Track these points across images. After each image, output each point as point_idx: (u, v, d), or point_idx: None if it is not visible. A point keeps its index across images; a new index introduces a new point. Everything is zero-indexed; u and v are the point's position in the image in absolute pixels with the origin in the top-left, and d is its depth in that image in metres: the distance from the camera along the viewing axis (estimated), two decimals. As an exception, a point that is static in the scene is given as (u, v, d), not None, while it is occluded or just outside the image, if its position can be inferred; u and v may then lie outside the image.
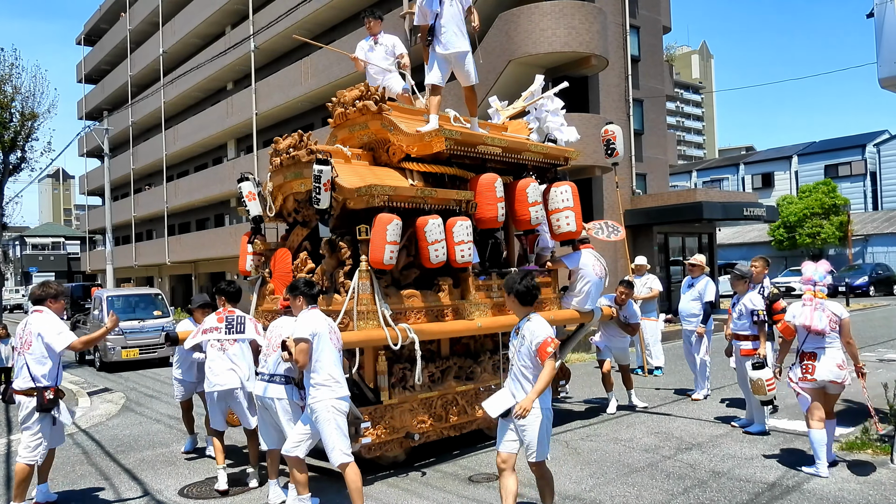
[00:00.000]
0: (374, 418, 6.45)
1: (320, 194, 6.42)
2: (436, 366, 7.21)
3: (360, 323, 6.36)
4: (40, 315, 5.86)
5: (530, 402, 4.66)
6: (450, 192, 7.09)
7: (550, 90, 8.78)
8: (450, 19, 7.34)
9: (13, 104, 16.68)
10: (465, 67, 7.52)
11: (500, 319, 7.47)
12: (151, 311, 16.82)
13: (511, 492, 4.81)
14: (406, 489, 6.14)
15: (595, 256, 8.19)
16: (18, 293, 58.07)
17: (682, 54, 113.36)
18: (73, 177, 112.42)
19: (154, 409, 10.73)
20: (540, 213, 7.74)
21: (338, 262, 6.84)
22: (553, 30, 18.20)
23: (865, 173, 44.12)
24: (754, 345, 7.69)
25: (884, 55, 6.29)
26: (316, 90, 26.54)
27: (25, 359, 5.71)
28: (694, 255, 10.17)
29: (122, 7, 43.60)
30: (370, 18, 8.44)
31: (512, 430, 4.88)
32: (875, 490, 5.66)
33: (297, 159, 6.96)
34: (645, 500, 5.64)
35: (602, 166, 19.36)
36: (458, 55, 7.47)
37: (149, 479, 6.78)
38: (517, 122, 9.03)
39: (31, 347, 5.70)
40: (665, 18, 26.03)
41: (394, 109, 7.68)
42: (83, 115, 50.72)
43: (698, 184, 50.14)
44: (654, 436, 7.69)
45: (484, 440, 7.69)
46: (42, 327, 5.73)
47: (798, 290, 34.24)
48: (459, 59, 7.49)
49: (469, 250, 6.93)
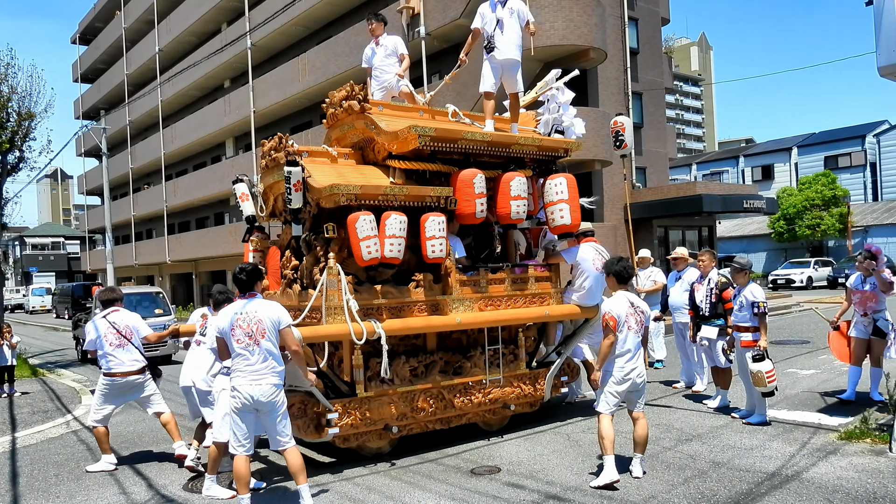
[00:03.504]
0: (346, 410, 6.65)
1: (291, 194, 6.74)
2: (418, 360, 7.28)
3: (329, 318, 6.55)
4: (124, 312, 7.26)
5: (597, 366, 6.12)
6: (423, 189, 7.10)
7: (558, 80, 8.75)
8: (510, 29, 7.78)
9: (10, 104, 16.67)
10: (515, 76, 7.99)
11: (484, 315, 7.46)
12: (153, 310, 16.86)
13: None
14: (409, 482, 6.19)
15: (596, 250, 8.15)
16: (19, 293, 58.09)
17: (680, 46, 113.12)
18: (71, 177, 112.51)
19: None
20: (522, 207, 7.55)
21: (315, 259, 7.03)
22: (551, 23, 18.21)
23: (865, 164, 44.15)
24: (754, 336, 7.71)
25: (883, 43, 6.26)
26: (314, 87, 26.54)
27: (133, 344, 7.07)
28: (675, 249, 10.31)
29: (116, 5, 43.58)
30: (372, 21, 8.75)
31: None
32: (874, 479, 5.70)
33: (278, 161, 7.19)
34: (645, 491, 5.67)
35: (602, 160, 19.39)
36: (513, 65, 7.90)
37: (153, 474, 6.83)
38: (525, 114, 9.01)
39: (133, 336, 7.08)
40: (663, 10, 26.02)
41: (385, 108, 7.75)
42: (80, 115, 50.73)
43: (698, 177, 50.19)
44: (654, 427, 7.72)
45: (481, 434, 7.74)
46: (133, 320, 7.18)
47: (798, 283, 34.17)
48: (513, 68, 7.95)
49: (441, 246, 6.97)
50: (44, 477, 6.92)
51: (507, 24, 7.74)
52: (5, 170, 17.10)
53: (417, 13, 21.71)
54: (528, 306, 7.86)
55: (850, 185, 42.19)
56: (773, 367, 7.38)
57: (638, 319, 6.09)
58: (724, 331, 8.27)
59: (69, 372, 15.32)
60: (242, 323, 5.47)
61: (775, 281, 33.33)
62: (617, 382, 5.99)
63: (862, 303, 8.36)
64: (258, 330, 5.44)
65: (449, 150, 7.41)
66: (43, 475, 6.99)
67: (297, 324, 6.51)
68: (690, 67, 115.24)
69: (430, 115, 8.10)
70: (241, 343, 5.45)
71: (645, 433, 6.06)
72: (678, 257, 10.03)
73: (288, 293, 7.26)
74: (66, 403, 11.11)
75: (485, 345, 7.65)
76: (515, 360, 7.89)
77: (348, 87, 7.63)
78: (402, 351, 7.28)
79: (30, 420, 9.80)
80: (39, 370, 14.97)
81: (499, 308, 7.64)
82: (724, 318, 8.33)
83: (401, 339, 7.27)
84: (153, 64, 38.74)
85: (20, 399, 11.60)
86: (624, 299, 6.10)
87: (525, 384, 7.91)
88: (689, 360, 9.82)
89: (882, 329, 8.25)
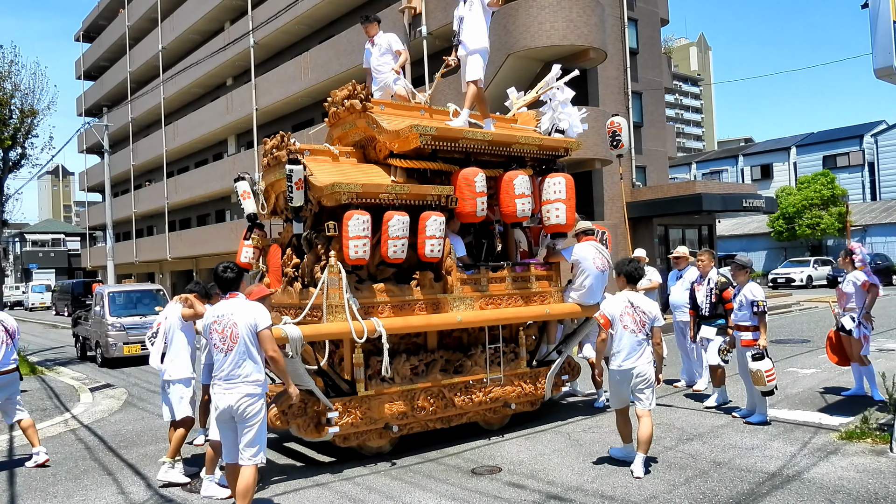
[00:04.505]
0: (346, 409, 6.64)
1: (293, 192, 6.76)
2: (419, 358, 7.28)
3: (330, 316, 6.55)
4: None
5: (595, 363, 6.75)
6: (425, 188, 7.12)
7: (557, 80, 8.74)
8: (469, 23, 7.87)
9: (13, 101, 16.67)
10: (475, 66, 7.88)
11: (485, 313, 7.47)
12: (153, 307, 16.81)
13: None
14: (409, 482, 6.18)
15: (596, 249, 8.15)
16: (18, 290, 58.04)
17: (680, 46, 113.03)
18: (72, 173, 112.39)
19: (156, 404, 10.74)
20: (527, 205, 7.62)
21: (316, 257, 7.04)
22: (551, 23, 18.20)
23: (863, 164, 44.13)
24: (755, 335, 7.71)
25: (878, 46, 6.29)
26: (316, 85, 26.51)
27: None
28: (677, 248, 10.30)
29: (120, 3, 43.52)
30: (365, 24, 8.81)
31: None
32: (875, 479, 5.69)
33: (279, 159, 7.17)
34: (646, 491, 5.67)
35: (601, 159, 19.38)
36: (469, 55, 7.85)
37: (152, 473, 6.81)
38: (525, 113, 9.02)
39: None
40: (663, 11, 26.01)
41: (387, 107, 7.76)
42: (82, 112, 50.69)
43: (698, 176, 50.17)
44: (655, 427, 7.68)
45: (482, 433, 7.73)
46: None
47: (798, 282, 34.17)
48: (470, 58, 7.87)
49: (439, 245, 6.98)
50: (41, 476, 6.91)
51: (468, 18, 7.88)
52: (7, 166, 17.09)
53: (419, 13, 21.70)
54: (528, 305, 7.85)
55: (848, 184, 42.15)
56: (772, 366, 7.37)
57: (636, 319, 6.23)
58: (724, 330, 8.30)
59: (68, 370, 15.29)
60: (218, 326, 5.18)
61: (775, 280, 33.32)
62: (615, 380, 6.36)
63: (839, 300, 8.61)
64: (232, 334, 5.12)
65: (450, 148, 7.41)
66: (40, 474, 6.98)
67: (297, 322, 6.52)
68: (690, 67, 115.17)
69: (430, 114, 8.10)
70: (217, 347, 5.17)
71: (648, 432, 6.09)
72: (679, 256, 10.01)
73: (289, 291, 7.26)
74: (64, 401, 11.10)
75: (485, 343, 7.65)
76: (516, 359, 7.89)
77: (350, 86, 7.65)
78: (402, 349, 7.28)
79: (30, 417, 9.78)
80: (38, 368, 14.94)
81: (499, 306, 7.64)
82: (725, 317, 8.35)
83: (401, 338, 7.27)
84: (156, 62, 38.69)
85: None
86: (622, 298, 6.36)
87: (526, 383, 7.91)
88: (690, 358, 9.82)
89: (844, 325, 8.36)
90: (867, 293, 8.21)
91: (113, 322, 15.64)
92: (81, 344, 17.92)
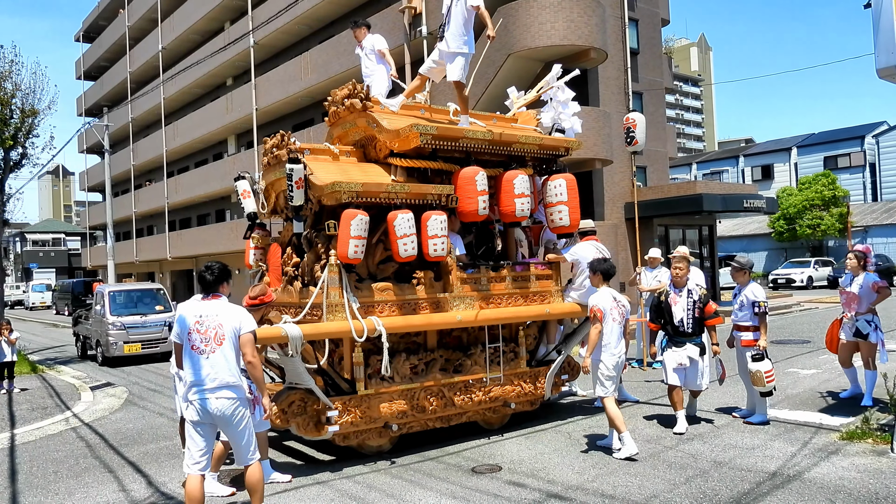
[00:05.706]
0: (346, 408, 6.65)
1: (293, 191, 6.79)
2: (419, 358, 7.28)
3: (330, 315, 6.56)
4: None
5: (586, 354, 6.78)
6: (425, 187, 7.13)
7: (557, 79, 8.73)
8: (453, 19, 7.57)
9: (13, 101, 16.67)
10: (455, 67, 7.55)
11: (485, 313, 7.47)
12: (153, 306, 16.85)
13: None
14: (409, 480, 6.18)
15: (597, 249, 8.14)
16: (19, 289, 58.06)
17: (680, 47, 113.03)
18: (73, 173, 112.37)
19: (157, 402, 10.78)
20: (526, 205, 7.56)
21: (316, 256, 7.04)
22: (552, 23, 18.19)
23: (864, 164, 44.12)
24: (755, 336, 7.70)
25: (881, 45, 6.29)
26: (315, 85, 26.50)
27: None
28: (678, 248, 10.17)
29: (120, 4, 43.51)
30: (354, 29, 8.78)
31: None
32: (875, 479, 5.69)
33: (279, 158, 7.19)
34: (647, 490, 5.67)
35: (602, 158, 19.37)
36: (448, 55, 7.58)
37: (153, 471, 6.82)
38: (525, 113, 9.02)
39: None
40: (663, 11, 26.00)
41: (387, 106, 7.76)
42: (83, 112, 50.68)
43: (698, 176, 50.14)
44: (655, 427, 7.73)
45: (482, 433, 7.73)
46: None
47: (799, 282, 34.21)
48: (449, 58, 7.59)
49: (443, 244, 6.98)
50: (42, 474, 6.92)
51: (452, 15, 7.60)
52: (8, 166, 17.09)
53: (419, 13, 21.69)
54: (528, 304, 7.86)
55: (849, 185, 42.14)
56: (772, 366, 7.38)
57: (620, 312, 6.93)
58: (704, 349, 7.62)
59: (69, 368, 15.31)
60: (201, 327, 4.96)
61: (776, 280, 33.31)
62: (610, 367, 6.76)
63: (848, 303, 8.42)
64: (216, 336, 4.94)
65: (450, 148, 7.41)
66: (42, 472, 6.99)
67: (297, 321, 6.53)
68: (690, 68, 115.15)
69: (430, 114, 8.10)
70: (196, 349, 4.94)
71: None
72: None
73: (289, 290, 7.26)
74: (65, 400, 11.11)
75: (485, 343, 7.65)
76: (516, 359, 7.89)
77: (350, 86, 7.67)
78: (402, 348, 7.28)
79: (29, 417, 9.81)
80: (39, 367, 14.96)
81: (500, 306, 7.64)
82: (710, 333, 7.75)
83: (401, 337, 7.27)
84: (156, 62, 38.66)
85: (19, 395, 11.61)
86: (608, 294, 6.94)
87: (525, 382, 7.91)
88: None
89: (861, 330, 8.26)
90: (877, 294, 8.15)
91: (113, 321, 15.66)
92: (82, 343, 17.93)
